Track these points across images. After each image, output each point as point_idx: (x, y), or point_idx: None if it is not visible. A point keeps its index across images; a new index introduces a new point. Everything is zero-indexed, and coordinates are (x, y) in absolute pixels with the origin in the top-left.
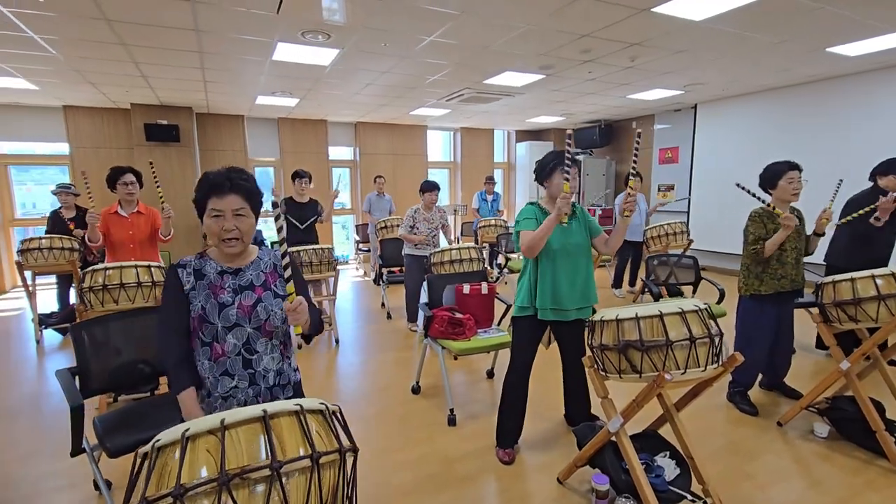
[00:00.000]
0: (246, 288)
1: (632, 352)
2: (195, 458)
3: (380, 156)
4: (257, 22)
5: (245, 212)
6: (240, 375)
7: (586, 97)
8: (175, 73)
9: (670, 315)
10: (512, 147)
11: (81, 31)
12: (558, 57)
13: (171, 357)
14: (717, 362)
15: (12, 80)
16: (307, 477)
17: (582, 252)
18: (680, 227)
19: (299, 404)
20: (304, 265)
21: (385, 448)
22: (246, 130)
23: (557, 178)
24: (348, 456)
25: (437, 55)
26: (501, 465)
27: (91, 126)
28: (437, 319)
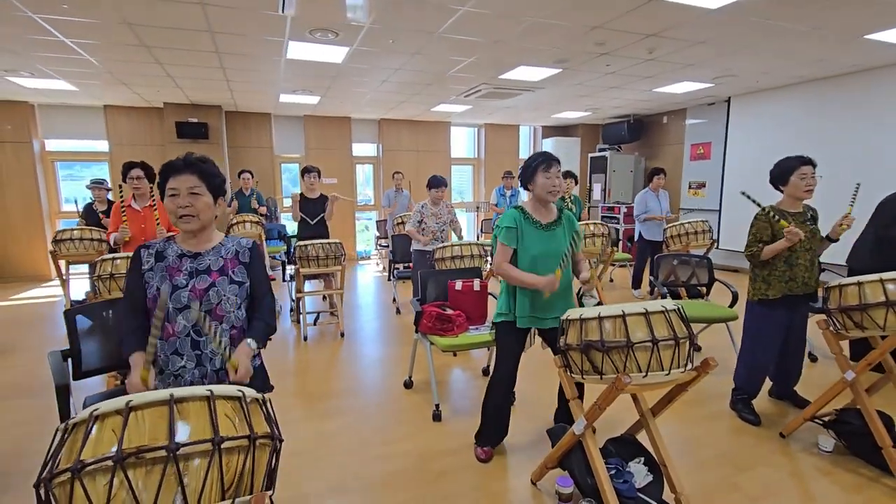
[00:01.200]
0: (202, 272)
1: (593, 352)
2: (101, 437)
3: (403, 152)
4: (265, 21)
5: (200, 190)
6: (188, 356)
7: (609, 91)
8: (198, 73)
9: (633, 315)
10: (538, 143)
11: (106, 34)
12: (572, 50)
13: (125, 328)
14: (684, 366)
15: (54, 81)
16: (208, 461)
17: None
18: (702, 225)
19: (210, 390)
20: (311, 259)
21: (366, 441)
22: (273, 127)
23: (541, 178)
24: (261, 443)
25: (446, 50)
26: (479, 462)
27: (128, 124)
28: (426, 315)
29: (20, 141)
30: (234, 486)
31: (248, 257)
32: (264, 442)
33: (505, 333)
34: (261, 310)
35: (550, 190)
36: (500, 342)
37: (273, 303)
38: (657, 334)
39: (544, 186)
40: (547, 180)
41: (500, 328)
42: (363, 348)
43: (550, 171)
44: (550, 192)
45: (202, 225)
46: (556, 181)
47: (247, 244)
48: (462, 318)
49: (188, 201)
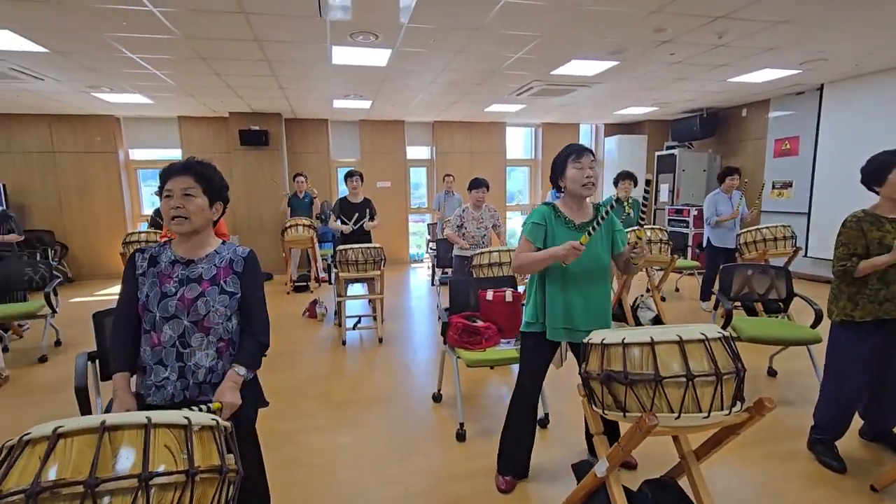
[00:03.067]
0: (193, 280)
1: (615, 385)
2: (27, 465)
3: (456, 154)
4: (305, 27)
5: (194, 192)
6: (171, 368)
7: (677, 83)
8: (253, 83)
9: (664, 344)
10: (600, 142)
11: (166, 49)
12: (628, 39)
13: (115, 339)
14: (730, 407)
15: (132, 95)
16: (132, 499)
17: (600, 266)
18: (782, 231)
19: (149, 417)
20: (351, 263)
21: (382, 456)
22: (330, 133)
23: (571, 170)
24: (204, 478)
25: (490, 47)
26: (499, 493)
27: (199, 133)
28: (453, 326)
29: (107, 151)
30: None
31: (242, 266)
32: (208, 477)
33: (531, 346)
34: (252, 325)
35: (584, 182)
36: (525, 355)
37: (266, 316)
38: (693, 368)
39: (576, 179)
40: (578, 171)
41: (527, 339)
42: (399, 355)
43: (582, 159)
44: (584, 184)
45: (194, 228)
46: (588, 171)
47: (242, 252)
48: (492, 331)
49: (181, 202)
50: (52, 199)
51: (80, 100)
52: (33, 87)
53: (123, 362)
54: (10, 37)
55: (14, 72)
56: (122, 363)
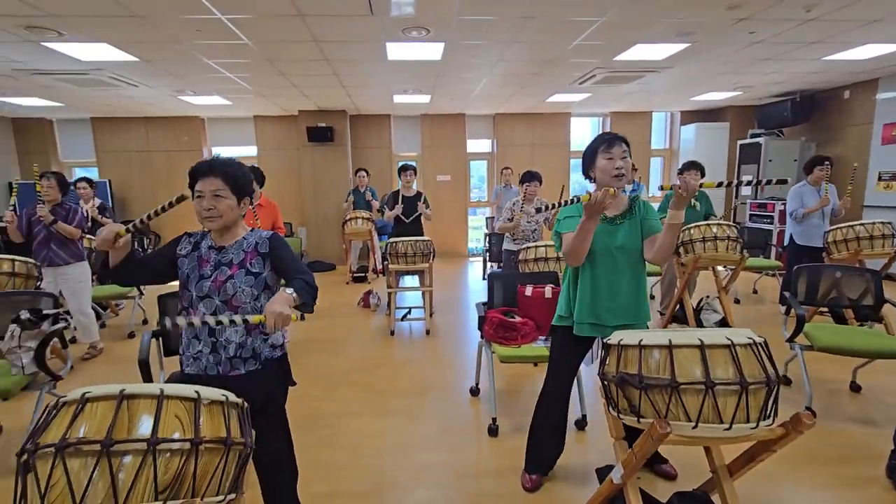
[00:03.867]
0: (224, 264)
1: (629, 388)
2: (60, 423)
3: (517, 147)
4: (359, 25)
5: (224, 193)
6: (205, 342)
7: (761, 65)
8: (316, 82)
9: (683, 348)
10: (675, 131)
11: (236, 53)
12: (698, 19)
13: None
14: (758, 420)
15: (211, 97)
16: (140, 459)
17: (630, 257)
18: (881, 228)
19: (162, 389)
20: (400, 256)
21: (412, 445)
22: (392, 128)
23: (602, 160)
24: (208, 448)
25: (543, 36)
26: (524, 491)
27: (272, 131)
28: (489, 321)
29: (193, 149)
30: (171, 488)
31: (267, 247)
32: (212, 446)
33: (560, 341)
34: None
35: (614, 174)
36: (554, 351)
37: (307, 269)
38: (714, 375)
39: (606, 170)
40: (608, 161)
41: (556, 334)
42: (444, 348)
43: (612, 150)
44: (615, 175)
45: (225, 224)
46: (619, 162)
47: (266, 235)
48: (530, 327)
49: (212, 203)
50: (147, 193)
51: (169, 103)
52: (130, 93)
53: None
54: (108, 49)
55: (113, 80)
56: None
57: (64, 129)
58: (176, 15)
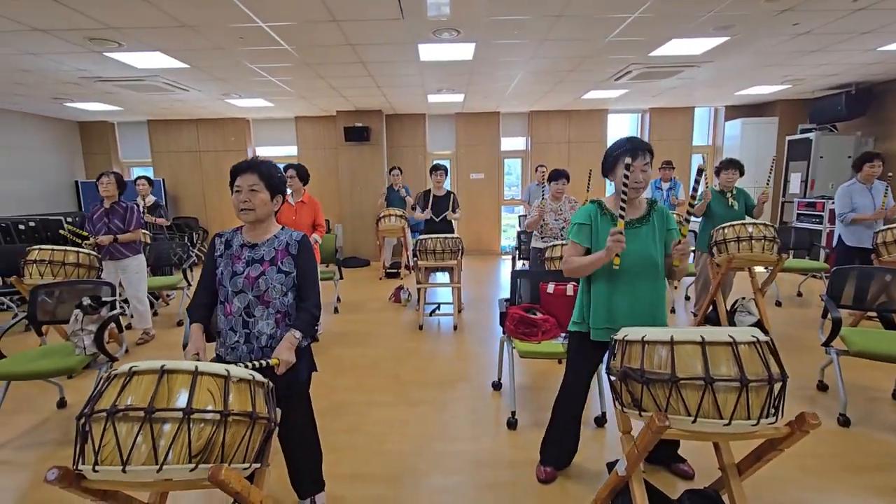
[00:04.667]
0: (257, 261)
1: (632, 382)
2: (111, 392)
3: (553, 144)
4: (391, 29)
5: (258, 188)
6: (240, 333)
7: (809, 57)
8: (353, 83)
9: (684, 344)
10: (719, 127)
11: (277, 58)
12: (736, 13)
13: (195, 300)
14: (758, 418)
15: (255, 100)
16: (177, 427)
17: (648, 265)
18: None
19: (196, 366)
20: (429, 252)
21: (433, 435)
22: (427, 126)
23: (621, 171)
24: (235, 420)
25: (575, 33)
26: (538, 483)
27: (312, 131)
28: (510, 317)
29: (239, 149)
30: (203, 453)
31: (297, 249)
32: (239, 419)
33: (577, 347)
34: (306, 300)
35: (632, 186)
36: (571, 356)
37: (317, 292)
38: (714, 372)
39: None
40: (630, 174)
41: (573, 339)
42: (471, 343)
43: (636, 162)
44: (633, 187)
45: (258, 217)
46: (639, 175)
47: (297, 237)
48: (550, 324)
49: (247, 196)
50: (197, 191)
51: (217, 105)
52: (182, 97)
53: (199, 316)
54: (161, 57)
55: (166, 85)
56: (198, 317)
57: (123, 132)
58: (221, 24)
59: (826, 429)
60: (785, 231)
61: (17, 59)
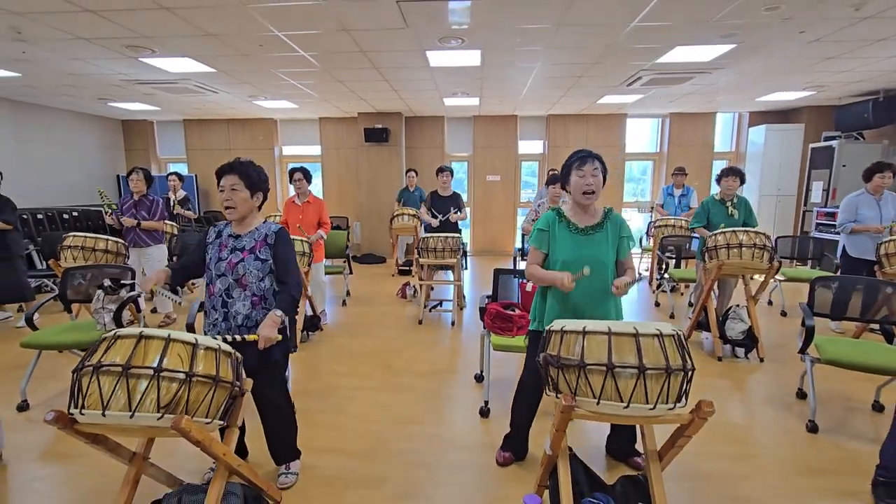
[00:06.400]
0: (238, 249)
1: (551, 368)
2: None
3: (570, 148)
4: (398, 37)
5: (239, 187)
6: (219, 312)
7: (828, 63)
8: (369, 87)
9: (594, 334)
10: (742, 133)
11: (295, 63)
12: (736, 21)
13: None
14: (656, 403)
15: (281, 102)
16: (148, 382)
17: (601, 270)
18: None
19: (169, 334)
20: (430, 251)
21: (411, 419)
22: (446, 129)
23: (574, 177)
24: (199, 381)
25: (579, 40)
26: (496, 465)
27: (334, 132)
28: (488, 312)
29: (267, 148)
30: (169, 406)
31: (274, 240)
32: (203, 380)
33: (533, 343)
34: (286, 283)
35: (584, 190)
36: (528, 352)
37: (298, 279)
38: (616, 359)
39: (577, 186)
40: (580, 179)
41: (531, 337)
42: (465, 338)
43: (584, 167)
44: (584, 192)
45: (241, 214)
46: (589, 179)
47: (275, 229)
48: (526, 321)
49: (229, 195)
50: None
51: (247, 106)
52: (213, 98)
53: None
54: (190, 62)
55: (197, 87)
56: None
57: (162, 130)
58: (242, 33)
59: (794, 434)
60: (796, 240)
61: (67, 64)
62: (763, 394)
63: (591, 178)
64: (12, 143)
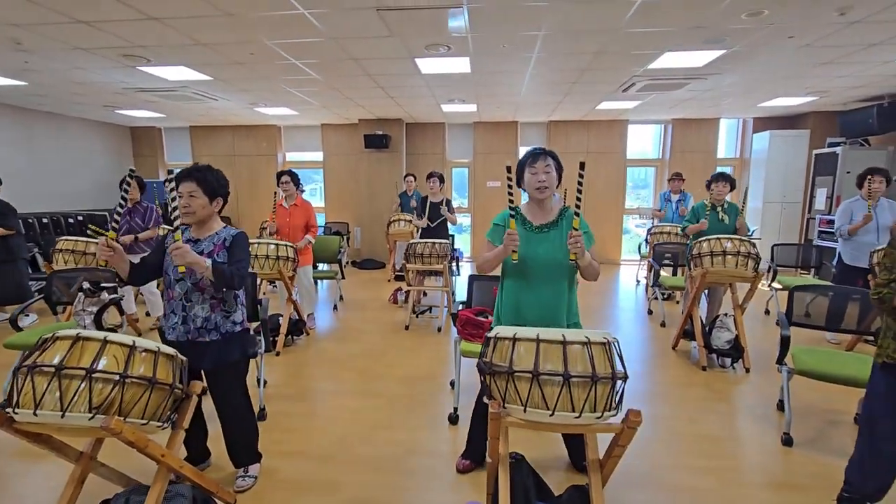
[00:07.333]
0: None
1: (484, 374)
2: (38, 352)
3: (570, 154)
4: (385, 45)
5: (196, 193)
6: (178, 316)
7: (824, 68)
8: (364, 94)
9: (523, 341)
10: (746, 138)
11: (288, 71)
12: (719, 26)
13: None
14: (581, 412)
15: (280, 108)
16: (80, 383)
17: (554, 267)
18: None
19: (106, 336)
20: (418, 256)
21: (380, 423)
22: (446, 135)
23: (527, 174)
24: (133, 382)
25: (565, 47)
26: (456, 473)
27: (336, 138)
28: (460, 318)
29: (270, 154)
30: (102, 407)
31: (231, 243)
32: (138, 382)
33: None
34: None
35: (537, 186)
36: None
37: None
38: (542, 366)
39: (530, 183)
40: (532, 176)
41: None
42: (448, 344)
43: (536, 164)
44: (537, 188)
45: (198, 219)
46: (542, 176)
47: (233, 233)
48: None
49: (187, 201)
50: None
51: (249, 113)
52: (215, 105)
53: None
54: (186, 70)
55: (196, 95)
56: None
57: (169, 136)
58: (231, 42)
59: (768, 447)
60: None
61: (71, 73)
62: (744, 405)
63: (543, 175)
64: (23, 149)
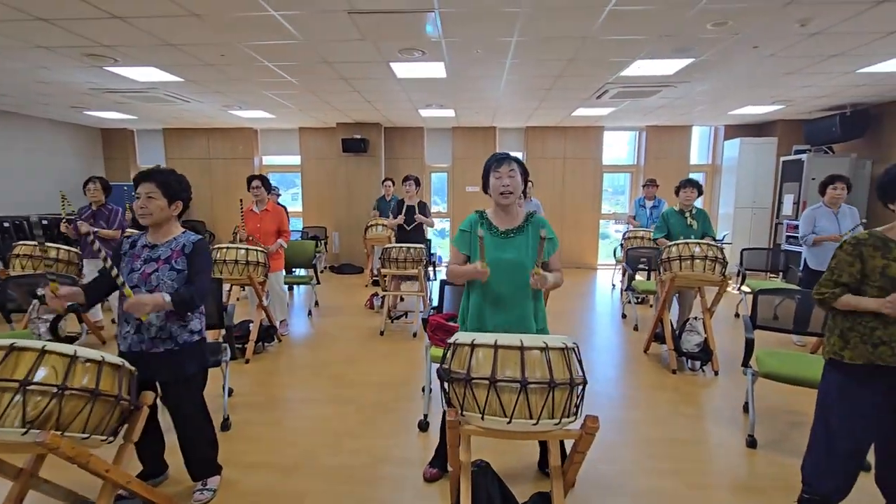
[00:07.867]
0: (153, 259)
1: (444, 381)
2: None
3: (548, 160)
4: (358, 48)
5: (155, 195)
6: (132, 324)
7: (788, 79)
8: (341, 98)
9: (482, 347)
10: (718, 145)
11: (261, 73)
12: (685, 35)
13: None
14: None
15: (255, 111)
16: (12, 396)
17: (520, 273)
18: None
19: (44, 345)
20: (392, 260)
21: (348, 431)
22: (425, 140)
23: (492, 179)
24: (73, 394)
25: (538, 54)
26: (423, 481)
27: (314, 142)
28: (430, 324)
29: (246, 157)
30: (37, 421)
31: (191, 250)
32: (77, 394)
33: None
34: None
35: (501, 191)
36: None
37: (205, 285)
38: (500, 373)
39: (495, 188)
40: (497, 181)
41: None
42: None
43: (500, 169)
44: (502, 192)
45: (155, 221)
46: (506, 180)
47: (193, 239)
48: None
49: (144, 203)
50: (206, 196)
51: (224, 116)
52: (188, 107)
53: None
54: (156, 72)
55: (167, 96)
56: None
57: (142, 139)
58: (200, 43)
59: (732, 449)
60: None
61: (35, 73)
62: (711, 408)
63: (507, 179)
64: None
